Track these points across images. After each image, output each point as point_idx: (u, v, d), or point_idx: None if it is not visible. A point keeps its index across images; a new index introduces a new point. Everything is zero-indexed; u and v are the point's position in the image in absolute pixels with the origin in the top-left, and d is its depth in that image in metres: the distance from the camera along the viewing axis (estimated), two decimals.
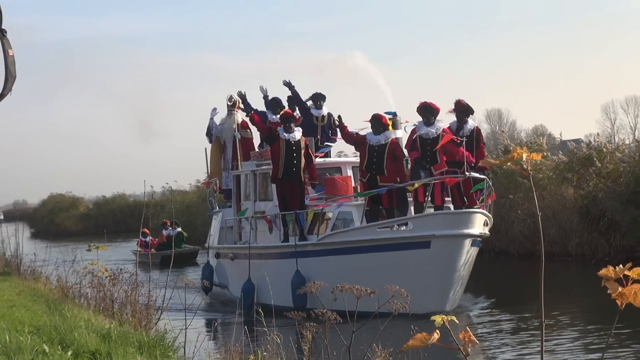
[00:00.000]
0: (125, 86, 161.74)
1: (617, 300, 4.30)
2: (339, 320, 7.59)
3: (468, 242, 19.09)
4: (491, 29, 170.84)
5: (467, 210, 19.46)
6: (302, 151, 21.55)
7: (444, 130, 20.00)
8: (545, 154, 31.90)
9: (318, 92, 24.92)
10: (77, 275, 14.46)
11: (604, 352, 14.92)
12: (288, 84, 24.85)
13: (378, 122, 20.52)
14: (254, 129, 25.58)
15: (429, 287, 18.49)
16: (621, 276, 4.27)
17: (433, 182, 19.05)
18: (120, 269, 12.55)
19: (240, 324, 10.83)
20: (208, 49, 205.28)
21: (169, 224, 41.81)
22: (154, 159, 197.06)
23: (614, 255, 25.84)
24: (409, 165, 20.83)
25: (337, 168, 23.80)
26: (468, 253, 19.26)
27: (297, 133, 21.71)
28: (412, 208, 20.49)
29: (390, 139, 20.38)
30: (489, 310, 20.58)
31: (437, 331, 4.66)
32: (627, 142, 36.12)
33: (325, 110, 24.71)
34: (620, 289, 4.26)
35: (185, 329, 9.99)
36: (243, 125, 26.10)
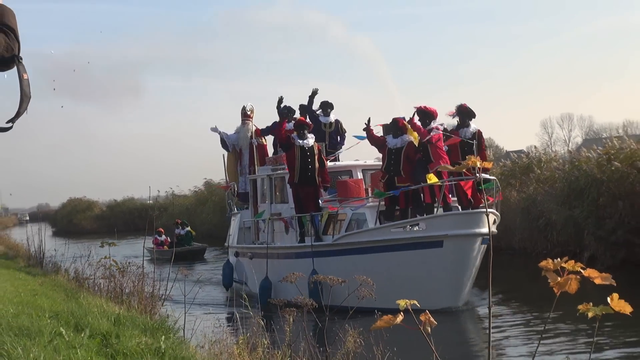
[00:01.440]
0: None
1: (554, 288, 4.31)
2: (315, 305, 7.52)
3: (479, 240, 17.50)
4: (445, 49, 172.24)
5: (478, 210, 17.80)
6: (316, 156, 20.03)
7: (437, 128, 18.48)
8: (493, 163, 32.15)
9: (326, 100, 23.48)
10: (91, 268, 14.37)
11: (542, 334, 14.92)
12: (314, 92, 23.39)
13: (396, 126, 18.84)
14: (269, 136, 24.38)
15: (442, 284, 17.17)
16: (558, 268, 4.29)
17: (443, 184, 17.64)
18: (129, 263, 12.49)
19: (232, 313, 10.68)
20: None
21: (179, 222, 40.44)
22: (159, 167, 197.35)
23: (551, 249, 25.91)
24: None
25: (348, 171, 22.12)
26: (478, 251, 17.75)
27: (311, 139, 20.22)
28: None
29: (407, 142, 18.60)
30: (499, 305, 18.54)
31: (401, 314, 4.63)
32: (561, 152, 36.63)
33: (332, 117, 23.32)
34: (558, 278, 4.29)
35: (185, 314, 9.92)
36: (257, 133, 24.35)
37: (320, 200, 20.32)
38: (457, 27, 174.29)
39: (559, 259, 4.41)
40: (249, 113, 24.57)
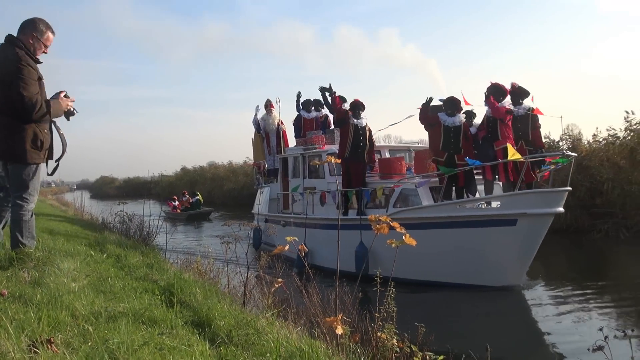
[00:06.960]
0: None
1: (375, 231, 4.36)
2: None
3: (551, 220, 10.57)
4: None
5: (558, 189, 10.57)
6: (367, 136, 13.46)
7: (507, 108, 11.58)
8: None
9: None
10: (112, 216, 13.84)
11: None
12: (326, 89, 14.51)
13: (454, 105, 11.75)
14: (288, 125, 17.84)
15: (510, 262, 10.37)
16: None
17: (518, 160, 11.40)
18: (134, 214, 12.04)
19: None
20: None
21: (186, 193, 34.56)
22: (155, 156, 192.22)
23: None
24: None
25: (377, 151, 14.53)
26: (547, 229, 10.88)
27: (364, 120, 13.43)
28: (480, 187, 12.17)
29: (463, 121, 11.81)
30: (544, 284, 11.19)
31: (288, 246, 4.71)
32: None
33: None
34: (377, 226, 4.38)
35: (166, 244, 9.75)
36: (279, 122, 18.41)
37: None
38: None
39: (377, 215, 4.50)
40: (273, 104, 18.41)
